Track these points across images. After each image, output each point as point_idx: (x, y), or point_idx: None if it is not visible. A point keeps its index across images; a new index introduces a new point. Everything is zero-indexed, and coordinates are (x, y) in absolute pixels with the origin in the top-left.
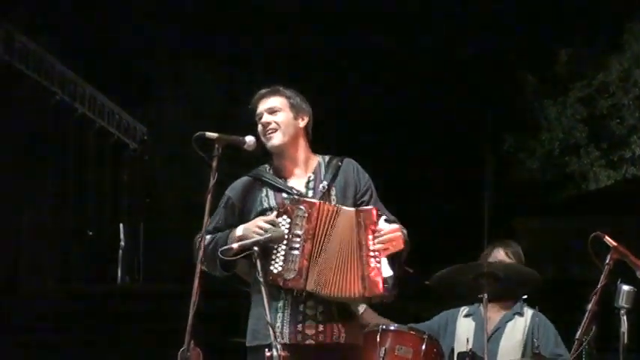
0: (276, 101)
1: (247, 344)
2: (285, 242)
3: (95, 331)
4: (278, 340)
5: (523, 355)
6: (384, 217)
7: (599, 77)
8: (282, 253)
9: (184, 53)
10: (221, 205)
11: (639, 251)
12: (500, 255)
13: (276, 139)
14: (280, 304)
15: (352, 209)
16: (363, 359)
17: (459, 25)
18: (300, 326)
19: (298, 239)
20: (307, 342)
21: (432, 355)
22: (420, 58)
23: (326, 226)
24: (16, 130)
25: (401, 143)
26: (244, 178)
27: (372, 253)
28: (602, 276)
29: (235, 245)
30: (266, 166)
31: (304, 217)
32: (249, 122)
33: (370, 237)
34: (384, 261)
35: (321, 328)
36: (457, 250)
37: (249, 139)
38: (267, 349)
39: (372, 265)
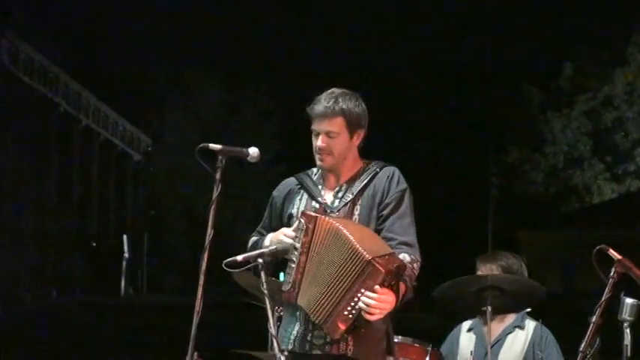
0: (334, 125)
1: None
2: (295, 252)
3: (99, 341)
4: (284, 349)
5: None
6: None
7: (603, 90)
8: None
9: (188, 65)
10: (268, 204)
11: None
12: (489, 268)
13: (326, 163)
14: (297, 312)
15: (363, 255)
16: None
17: (466, 38)
18: (309, 336)
19: (296, 252)
20: (314, 352)
21: None
22: (425, 70)
23: (321, 243)
24: (20, 141)
25: (405, 155)
26: (290, 179)
27: (352, 303)
28: (607, 289)
29: (240, 257)
30: (314, 170)
31: (303, 229)
32: (253, 133)
33: (363, 290)
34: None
35: (328, 338)
36: (461, 262)
37: (253, 150)
38: None
39: (345, 312)
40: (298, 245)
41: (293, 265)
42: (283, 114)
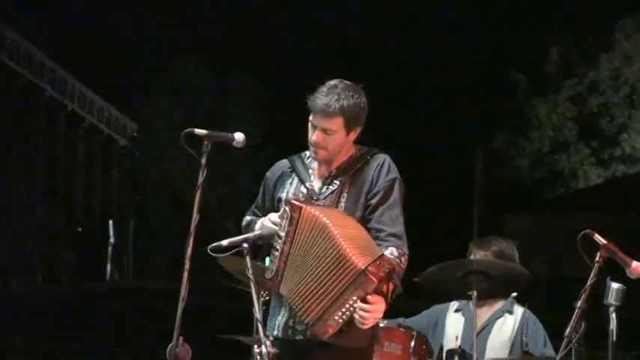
0: (333, 123)
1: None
2: (280, 238)
3: (85, 327)
4: (269, 334)
5: (510, 352)
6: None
7: (589, 76)
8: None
9: (174, 51)
10: (261, 184)
11: (628, 249)
12: (483, 255)
13: (320, 156)
14: (283, 299)
15: (355, 264)
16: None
17: (451, 24)
18: (291, 321)
19: (280, 240)
20: (297, 337)
21: (421, 352)
22: (411, 56)
23: (306, 236)
24: (5, 127)
25: (391, 140)
26: (284, 161)
27: (344, 309)
28: (592, 273)
29: (225, 242)
30: (306, 152)
31: (287, 218)
32: (239, 118)
33: (355, 297)
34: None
35: (310, 324)
36: (446, 247)
37: (239, 136)
38: (256, 346)
39: (336, 317)
40: (282, 233)
41: (276, 253)
42: (270, 99)
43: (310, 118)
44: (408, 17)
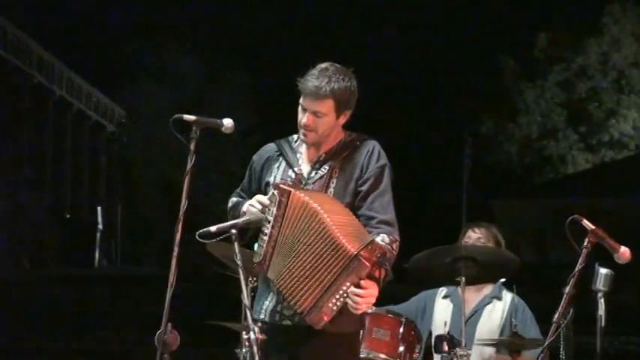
0: (323, 106)
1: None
2: (268, 222)
3: (73, 314)
4: (258, 318)
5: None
6: (377, 254)
7: (577, 61)
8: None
9: (162, 35)
10: (248, 168)
11: (617, 234)
12: (473, 237)
13: (310, 139)
14: (271, 284)
15: (347, 249)
16: (343, 348)
17: (439, 8)
18: (279, 306)
19: (268, 224)
20: (284, 322)
21: (410, 338)
22: (398, 41)
23: (296, 221)
24: None
25: (379, 126)
26: (271, 145)
27: (337, 296)
28: (580, 259)
29: (213, 228)
30: (294, 136)
31: (275, 202)
32: (228, 104)
33: (348, 283)
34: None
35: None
36: (435, 233)
37: (227, 121)
38: (244, 332)
39: (330, 304)
40: (270, 218)
41: (265, 237)
42: (258, 84)
43: (300, 100)
44: (396, 1)
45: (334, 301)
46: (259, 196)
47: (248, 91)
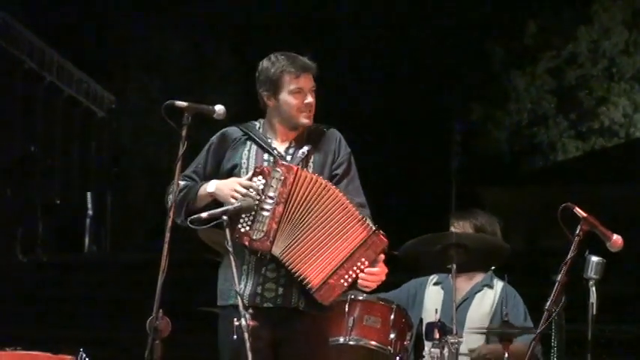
0: (313, 80)
1: (217, 303)
2: (257, 206)
3: (62, 300)
4: (233, 303)
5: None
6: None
7: (568, 48)
8: (252, 215)
9: (152, 22)
10: (204, 149)
11: (609, 222)
12: (462, 225)
13: (310, 120)
14: (245, 266)
15: (366, 224)
16: (325, 329)
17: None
18: (259, 288)
19: (271, 201)
20: (265, 305)
21: (401, 325)
22: (389, 27)
23: (303, 194)
24: None
25: (368, 113)
26: (233, 128)
27: (350, 272)
28: (572, 247)
29: (205, 214)
30: (256, 123)
31: (280, 179)
32: (217, 92)
33: (363, 259)
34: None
35: (280, 291)
36: (425, 220)
37: (219, 108)
38: (235, 319)
39: (342, 280)
40: (272, 194)
41: (265, 214)
42: (244, 74)
43: (294, 85)
44: None
45: (347, 277)
46: (240, 180)
47: (238, 78)
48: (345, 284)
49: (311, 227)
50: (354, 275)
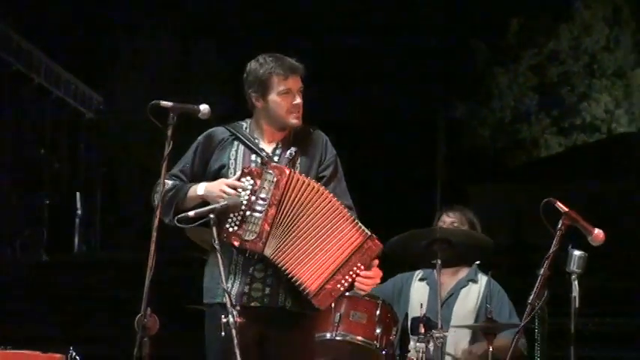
0: (300, 82)
1: (204, 300)
2: (244, 205)
3: (51, 299)
4: (220, 301)
5: (476, 320)
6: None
7: (549, 45)
8: (240, 215)
9: (139, 23)
10: (191, 149)
11: (590, 216)
12: (447, 221)
13: (299, 120)
14: (232, 266)
15: (361, 229)
16: (312, 327)
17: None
18: (247, 288)
19: (263, 202)
20: (252, 304)
21: (387, 320)
22: (372, 26)
23: (296, 197)
24: None
25: (354, 110)
26: (220, 128)
27: (347, 277)
28: (554, 241)
29: (192, 213)
30: (243, 123)
31: (272, 181)
32: (203, 92)
33: (359, 264)
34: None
35: (267, 291)
36: (411, 216)
37: (204, 107)
38: (223, 316)
39: (339, 285)
40: (264, 196)
41: (258, 215)
42: (230, 75)
43: (283, 87)
44: None
45: (343, 282)
46: (228, 180)
47: (223, 78)
48: (342, 289)
49: (306, 231)
50: (350, 280)
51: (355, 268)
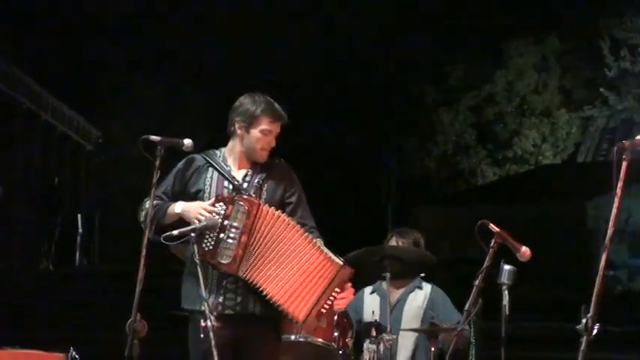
0: (279, 128)
1: (183, 305)
2: (219, 229)
3: (56, 306)
4: (199, 309)
5: (423, 320)
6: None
7: (486, 88)
8: (215, 236)
9: (134, 66)
10: (172, 173)
11: (519, 236)
12: (394, 241)
13: (266, 157)
14: (209, 279)
15: (334, 260)
16: (278, 330)
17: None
18: (221, 298)
19: (236, 230)
20: (227, 312)
21: (343, 324)
22: (329, 69)
23: (266, 228)
24: None
25: (306, 141)
26: (197, 156)
27: (327, 301)
28: (487, 257)
29: (176, 232)
30: (217, 152)
31: (244, 212)
32: (191, 130)
33: (336, 288)
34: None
35: (239, 299)
36: (365, 235)
37: (187, 141)
38: (202, 320)
39: (321, 309)
40: (237, 224)
41: (231, 241)
42: (214, 112)
43: (264, 126)
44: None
45: (326, 306)
46: (204, 205)
47: (205, 115)
48: (323, 310)
49: (275, 256)
50: (330, 303)
51: (334, 294)
